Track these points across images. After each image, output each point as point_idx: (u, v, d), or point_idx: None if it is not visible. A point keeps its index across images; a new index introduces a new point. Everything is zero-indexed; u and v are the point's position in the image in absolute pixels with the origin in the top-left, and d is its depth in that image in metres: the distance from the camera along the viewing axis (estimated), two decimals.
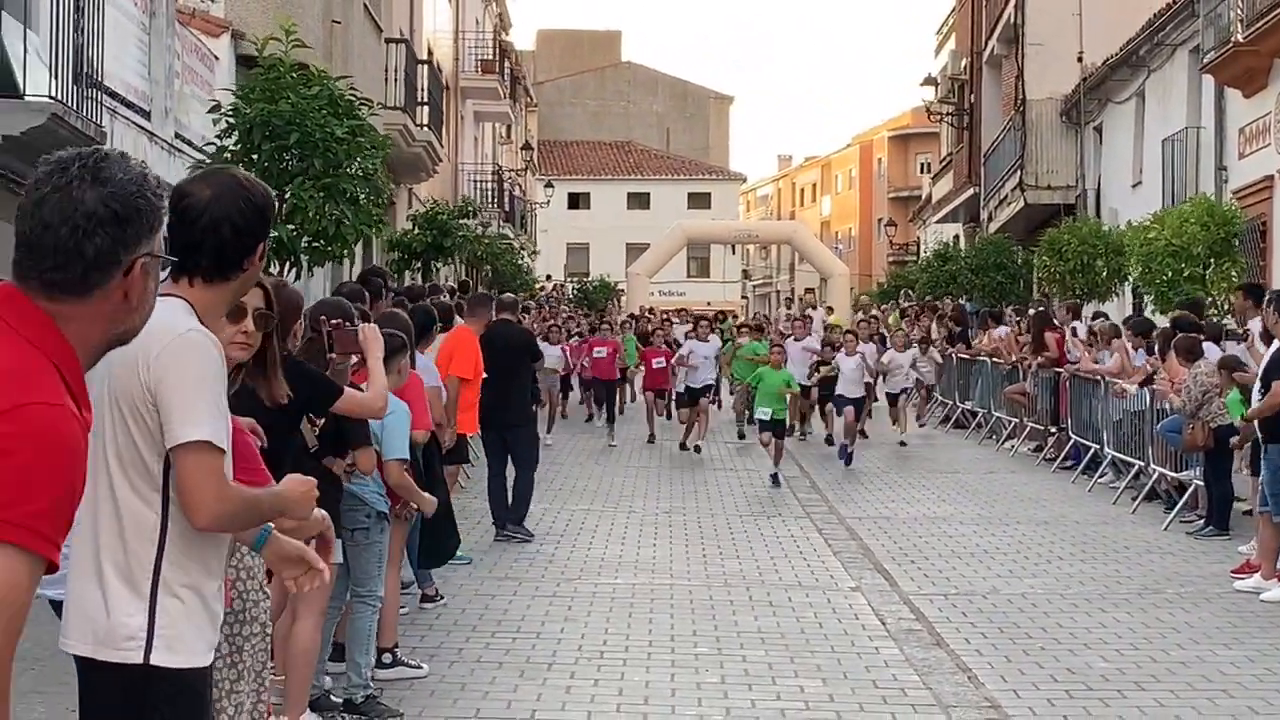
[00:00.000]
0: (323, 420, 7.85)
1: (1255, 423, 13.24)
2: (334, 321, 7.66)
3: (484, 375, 14.26)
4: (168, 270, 3.37)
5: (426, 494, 9.46)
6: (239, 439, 4.60)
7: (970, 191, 47.11)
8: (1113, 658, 10.39)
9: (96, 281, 3.16)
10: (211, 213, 4.19)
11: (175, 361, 4.05)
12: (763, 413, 19.83)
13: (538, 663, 10.03)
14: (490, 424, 15.16)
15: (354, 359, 7.74)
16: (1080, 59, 35.86)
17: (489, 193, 47.65)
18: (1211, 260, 21.67)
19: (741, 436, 25.77)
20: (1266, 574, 12.84)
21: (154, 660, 4.03)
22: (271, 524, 4.74)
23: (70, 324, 3.13)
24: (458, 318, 15.40)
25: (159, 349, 4.03)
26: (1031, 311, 26.31)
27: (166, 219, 3.34)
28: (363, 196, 14.02)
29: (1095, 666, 10.16)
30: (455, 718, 8.72)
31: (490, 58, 47.80)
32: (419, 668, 9.67)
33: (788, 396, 20.60)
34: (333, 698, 8.69)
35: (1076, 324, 23.76)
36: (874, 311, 40.86)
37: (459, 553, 13.18)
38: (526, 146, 61.67)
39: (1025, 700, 9.28)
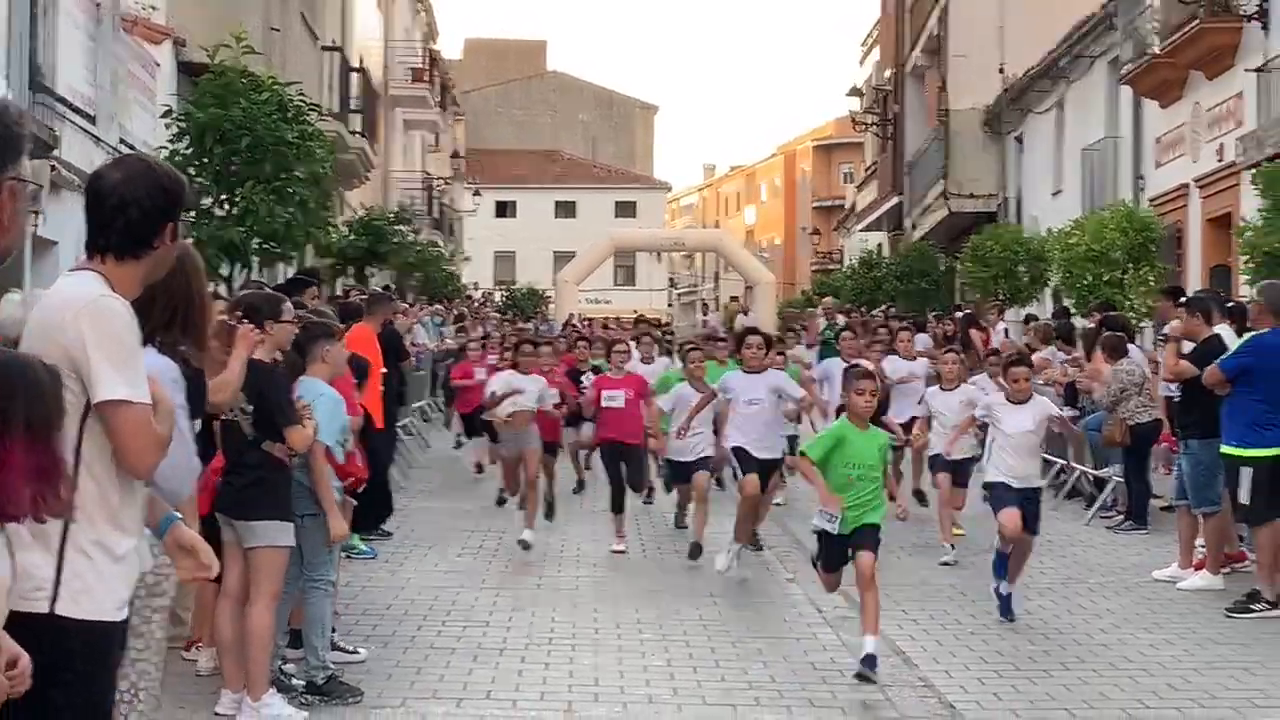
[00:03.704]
0: (253, 408, 8.22)
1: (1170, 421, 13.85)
2: (234, 315, 7.82)
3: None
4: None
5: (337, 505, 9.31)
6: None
7: (894, 200, 47.82)
8: (1039, 641, 10.89)
9: None
10: (120, 194, 4.49)
11: (93, 325, 4.31)
12: (828, 520, 10.04)
13: (489, 649, 10.40)
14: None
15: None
16: (1002, 70, 36.60)
17: (418, 200, 47.90)
18: (1130, 265, 22.30)
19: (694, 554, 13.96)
20: (1184, 564, 13.41)
21: (59, 610, 4.23)
22: (179, 513, 5.07)
23: None
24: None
25: (74, 314, 4.30)
26: (959, 314, 26.85)
27: (29, 146, 3.62)
28: (311, 200, 14.38)
29: (1022, 649, 10.64)
30: (413, 698, 9.07)
31: (420, 66, 48.06)
32: (355, 652, 9.98)
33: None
34: (294, 681, 9.02)
35: (1003, 325, 24.38)
36: (839, 318, 30.92)
37: (363, 547, 13.58)
38: (455, 155, 61.89)
39: (957, 680, 9.72)
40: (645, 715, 8.82)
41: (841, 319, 30.23)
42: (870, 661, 9.41)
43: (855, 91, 52.59)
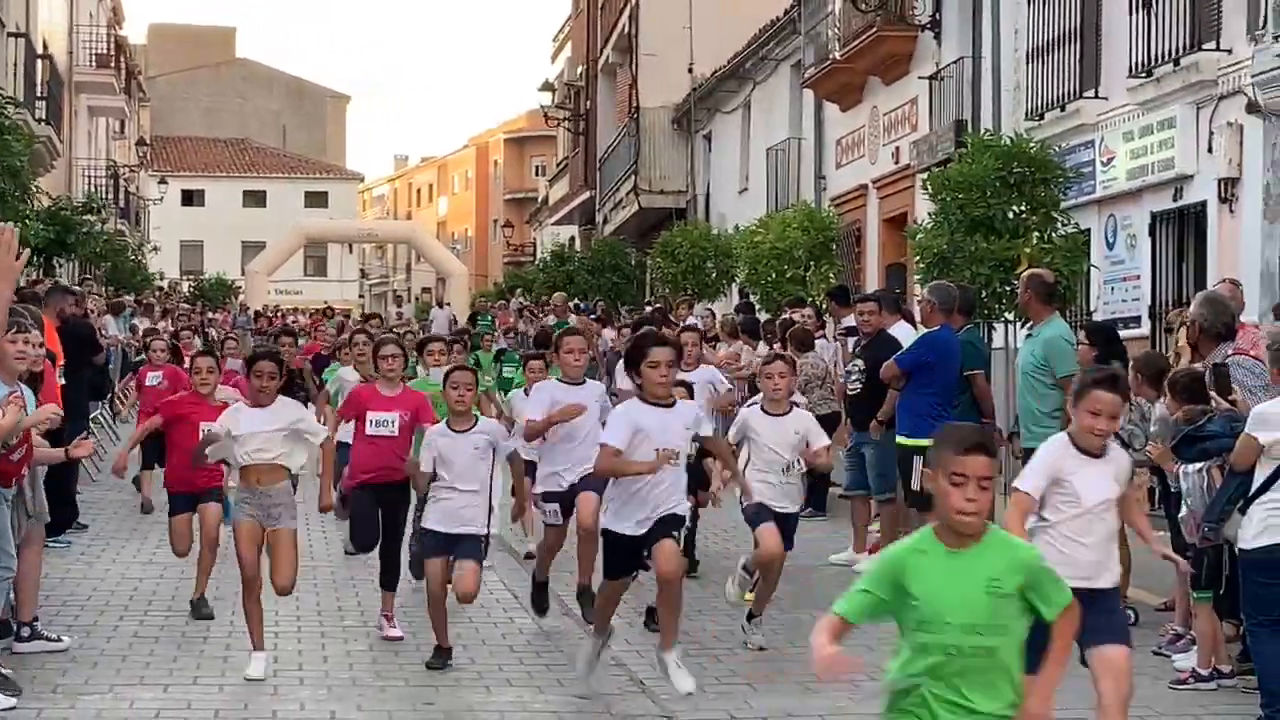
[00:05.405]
0: None
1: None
2: None
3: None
4: None
5: None
6: None
7: (586, 195, 48.47)
8: (723, 620, 11.51)
9: None
10: None
11: None
12: None
13: (193, 637, 10.62)
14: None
15: None
16: (691, 70, 37.46)
17: (104, 189, 46.98)
18: (812, 263, 23.25)
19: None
20: (858, 548, 14.26)
21: None
22: None
23: None
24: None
25: None
26: (649, 309, 27.50)
27: None
28: (9, 193, 14.28)
29: (707, 629, 11.28)
30: (120, 685, 9.24)
31: (105, 52, 47.13)
32: (58, 640, 10.06)
33: None
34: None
35: (693, 319, 25.11)
36: (570, 316, 29.11)
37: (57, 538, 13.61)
38: (141, 142, 60.73)
39: (647, 659, 10.23)
40: (349, 697, 9.14)
41: (573, 318, 28.54)
42: None
43: (547, 86, 53.06)
